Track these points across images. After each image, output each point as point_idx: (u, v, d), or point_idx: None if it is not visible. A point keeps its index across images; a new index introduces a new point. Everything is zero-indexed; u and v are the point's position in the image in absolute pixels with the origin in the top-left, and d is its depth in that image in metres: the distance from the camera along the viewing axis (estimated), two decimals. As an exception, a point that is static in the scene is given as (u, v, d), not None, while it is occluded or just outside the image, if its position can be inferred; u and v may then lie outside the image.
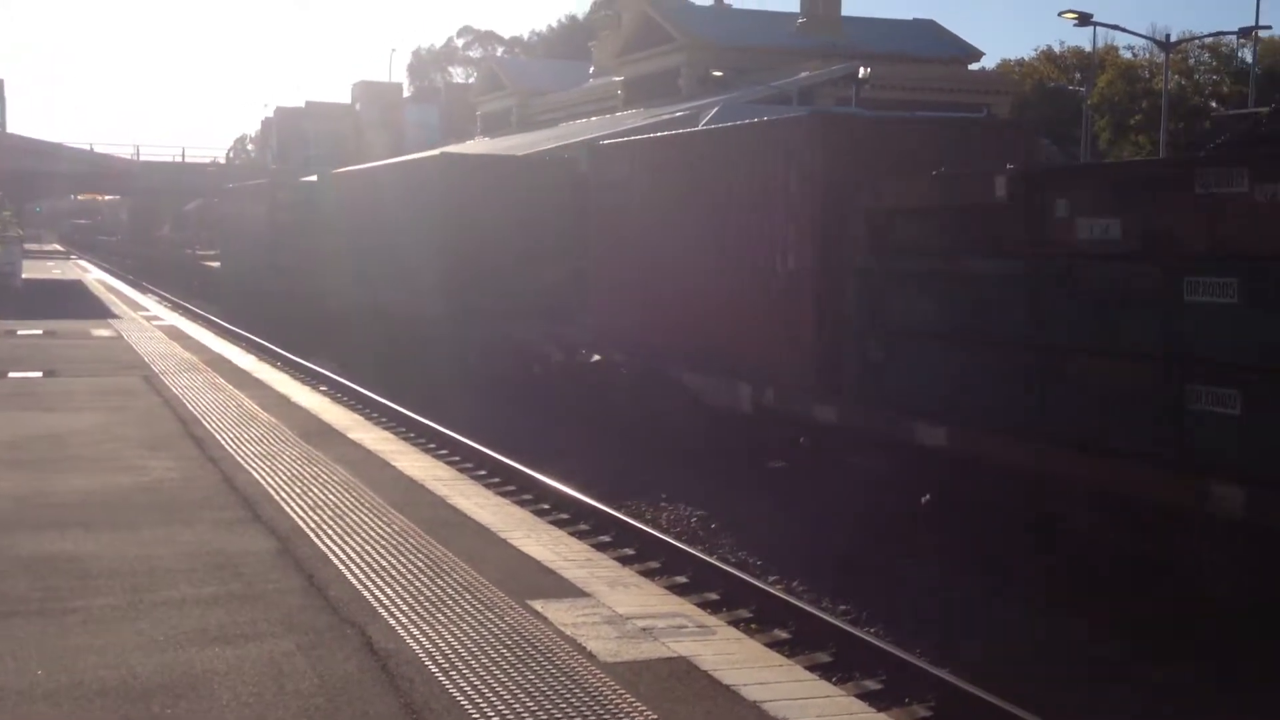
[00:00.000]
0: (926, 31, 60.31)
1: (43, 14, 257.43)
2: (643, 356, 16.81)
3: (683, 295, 16.01)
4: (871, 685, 8.24)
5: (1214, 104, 66.13)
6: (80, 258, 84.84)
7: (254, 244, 39.69)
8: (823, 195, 12.97)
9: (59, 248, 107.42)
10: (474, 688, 5.88)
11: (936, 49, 58.54)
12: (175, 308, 40.44)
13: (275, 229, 36.49)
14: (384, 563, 8.09)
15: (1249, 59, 58.49)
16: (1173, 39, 52.78)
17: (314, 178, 41.37)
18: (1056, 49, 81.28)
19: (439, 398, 20.25)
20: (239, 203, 44.22)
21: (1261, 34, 45.41)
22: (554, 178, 23.77)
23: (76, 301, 36.95)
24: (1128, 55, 74.61)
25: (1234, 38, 55.58)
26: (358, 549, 8.41)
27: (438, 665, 6.17)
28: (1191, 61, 66.84)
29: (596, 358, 18.10)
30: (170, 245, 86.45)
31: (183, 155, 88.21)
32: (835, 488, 12.63)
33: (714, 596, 10.21)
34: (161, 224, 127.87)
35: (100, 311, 32.35)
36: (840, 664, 8.68)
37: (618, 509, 13.01)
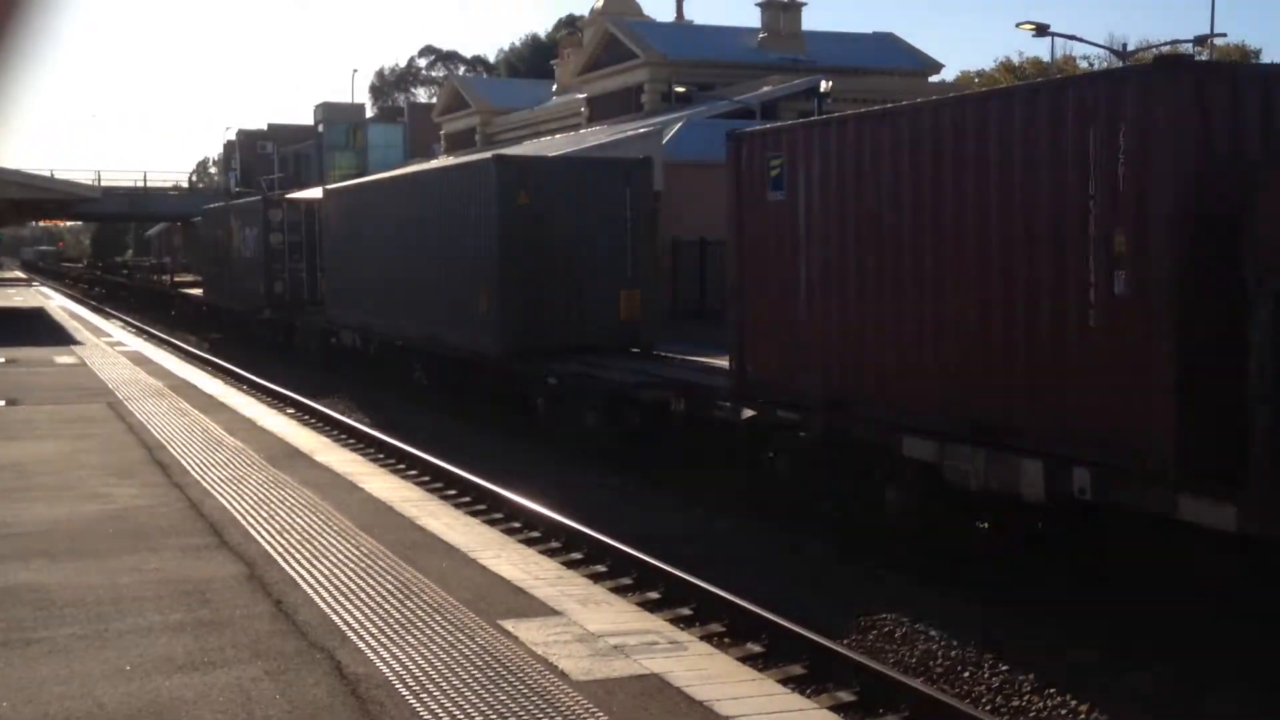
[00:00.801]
0: (887, 44, 60.68)
1: None
2: (832, 411, 12.55)
3: (900, 325, 11.74)
4: (845, 696, 8.25)
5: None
6: (43, 285, 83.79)
7: (244, 270, 37.09)
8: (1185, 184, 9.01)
9: (20, 275, 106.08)
10: (445, 710, 5.84)
11: (897, 61, 58.90)
12: (140, 333, 40.07)
13: (269, 254, 34.56)
14: (353, 586, 8.03)
15: (1205, 66, 59.06)
16: (1129, 48, 53.32)
17: (317, 192, 38.99)
18: (1015, 60, 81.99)
19: (508, 464, 16.53)
20: (223, 224, 41.12)
21: (1217, 41, 45.92)
22: (616, 181, 20.35)
23: (39, 329, 36.63)
24: (1085, 65, 75.37)
25: (1190, 45, 56.13)
26: (326, 572, 8.35)
27: (408, 688, 6.13)
28: (1149, 70, 67.46)
29: (749, 413, 14.02)
30: (141, 271, 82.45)
31: (144, 180, 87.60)
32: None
33: (686, 611, 10.20)
34: (124, 249, 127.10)
35: (63, 338, 32.06)
36: (814, 676, 8.68)
37: (588, 525, 12.97)
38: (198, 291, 48.69)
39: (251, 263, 36.20)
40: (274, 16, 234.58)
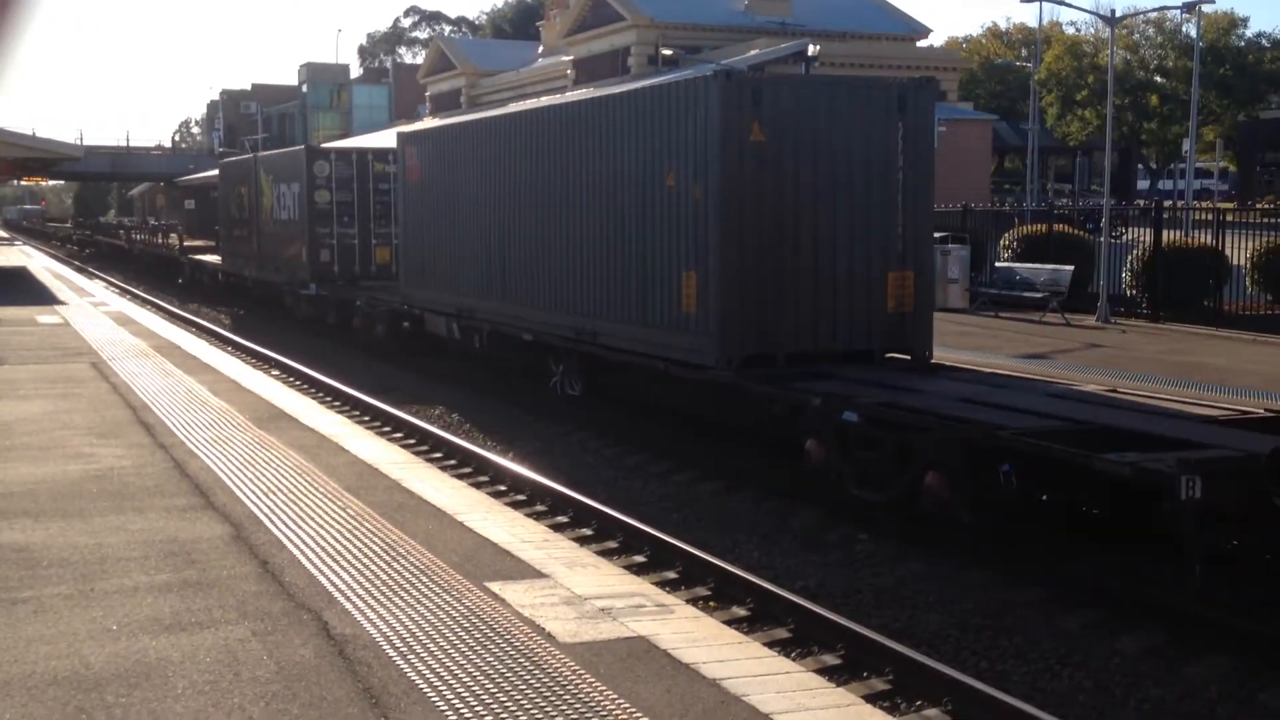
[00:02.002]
0: (875, 9, 60.43)
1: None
2: None
3: None
4: (830, 660, 8.28)
5: (1158, 78, 66.77)
6: (27, 244, 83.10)
7: (279, 235, 31.14)
8: None
9: (2, 234, 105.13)
10: (432, 670, 5.84)
11: (885, 26, 58.71)
12: (123, 293, 39.79)
13: (313, 216, 28.37)
14: (339, 547, 8.02)
15: (1193, 33, 59.05)
16: (1117, 14, 53.24)
17: (375, 139, 34.38)
18: (1003, 26, 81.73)
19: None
20: (247, 179, 34.50)
21: (1204, 8, 45.87)
22: (885, 113, 14.37)
23: (22, 288, 36.41)
24: (1073, 31, 75.21)
25: (1178, 12, 56.06)
26: (312, 534, 8.34)
27: (395, 649, 6.13)
28: (1136, 36, 67.38)
29: None
30: (143, 232, 68.13)
31: (127, 140, 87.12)
32: None
33: (673, 575, 10.22)
34: (107, 209, 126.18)
35: (46, 298, 31.88)
36: (799, 639, 8.71)
37: (572, 488, 12.98)
38: (212, 259, 42.52)
39: (289, 226, 30.08)
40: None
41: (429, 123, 30.58)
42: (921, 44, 61.22)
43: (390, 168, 26.94)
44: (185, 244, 49.84)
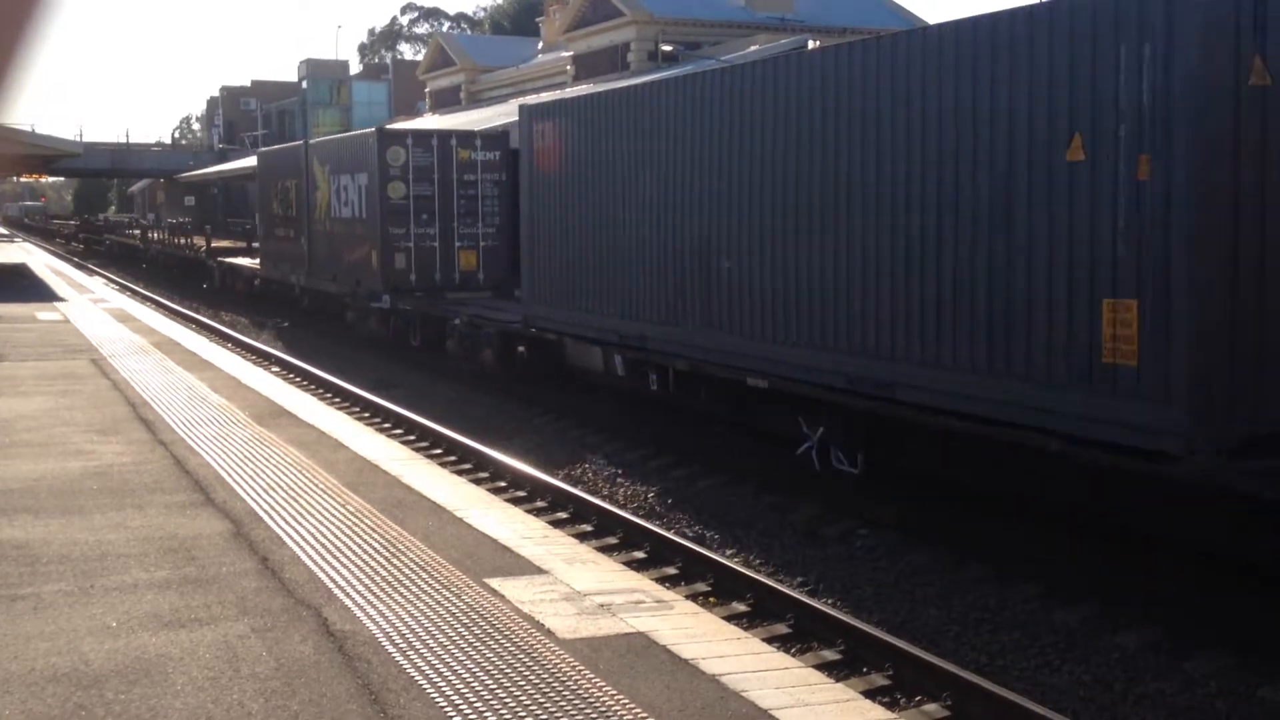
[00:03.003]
0: (875, 4, 60.38)
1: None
2: None
3: None
4: (830, 655, 8.29)
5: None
6: (28, 242, 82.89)
7: (338, 236, 26.34)
8: None
9: (2, 231, 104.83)
10: (432, 667, 5.85)
11: (885, 20, 58.62)
12: (123, 289, 39.75)
13: (386, 213, 23.53)
14: (339, 544, 8.03)
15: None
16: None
17: (460, 119, 29.84)
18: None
19: None
20: (295, 170, 29.76)
21: None
22: None
23: (21, 285, 36.42)
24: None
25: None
26: (312, 530, 8.35)
27: (395, 645, 6.14)
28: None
29: None
30: (160, 230, 59.95)
31: (127, 136, 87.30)
32: None
33: (672, 571, 10.23)
34: (107, 206, 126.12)
35: (46, 294, 31.88)
36: (799, 635, 8.72)
37: (571, 484, 12.98)
38: (245, 262, 37.87)
39: (353, 226, 25.40)
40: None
41: (575, 91, 25.20)
42: (921, 39, 61.17)
43: (477, 155, 23.86)
44: (213, 245, 44.20)
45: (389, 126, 27.60)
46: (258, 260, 36.02)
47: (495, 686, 5.62)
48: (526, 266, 18.59)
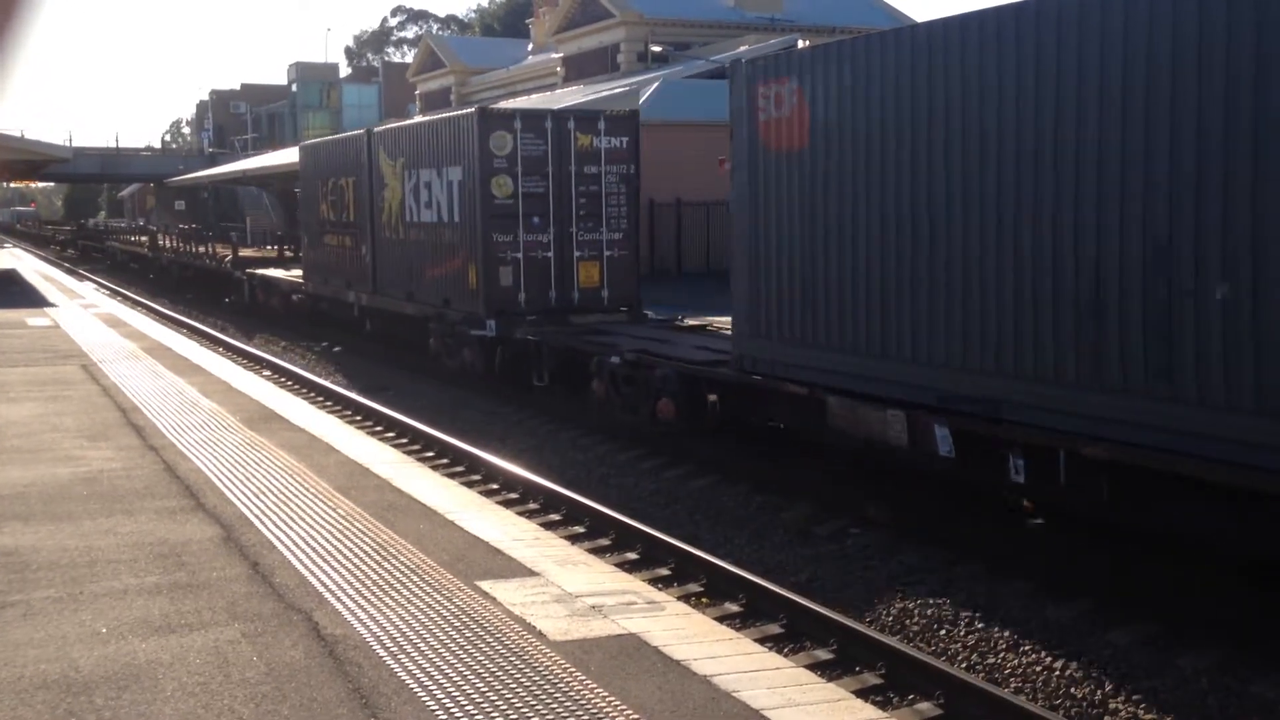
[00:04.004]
0: (864, 3, 60.46)
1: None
2: None
3: None
4: (822, 655, 8.29)
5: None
6: (18, 247, 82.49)
7: (415, 244, 21.81)
8: None
9: None
10: (423, 670, 5.83)
11: (874, 20, 58.67)
12: (113, 294, 39.59)
13: (488, 216, 18.99)
14: (330, 548, 8.01)
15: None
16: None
17: (564, 97, 25.22)
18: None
19: None
20: (354, 165, 24.72)
21: None
22: None
23: (12, 291, 36.32)
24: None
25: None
26: (303, 534, 8.33)
27: (386, 649, 6.12)
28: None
29: None
30: (173, 237, 51.62)
31: (116, 141, 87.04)
32: None
33: (664, 571, 10.22)
34: (97, 210, 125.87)
35: (36, 300, 31.81)
36: (791, 634, 8.72)
37: (563, 485, 12.97)
38: (280, 274, 32.68)
39: (440, 233, 20.66)
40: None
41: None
42: (911, 38, 61.27)
43: (600, 140, 19.35)
44: (237, 254, 38.28)
45: (493, 106, 22.29)
46: (294, 272, 31.35)
47: (487, 689, 5.61)
48: (744, 285, 13.10)
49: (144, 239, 58.41)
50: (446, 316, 20.53)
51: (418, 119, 23.79)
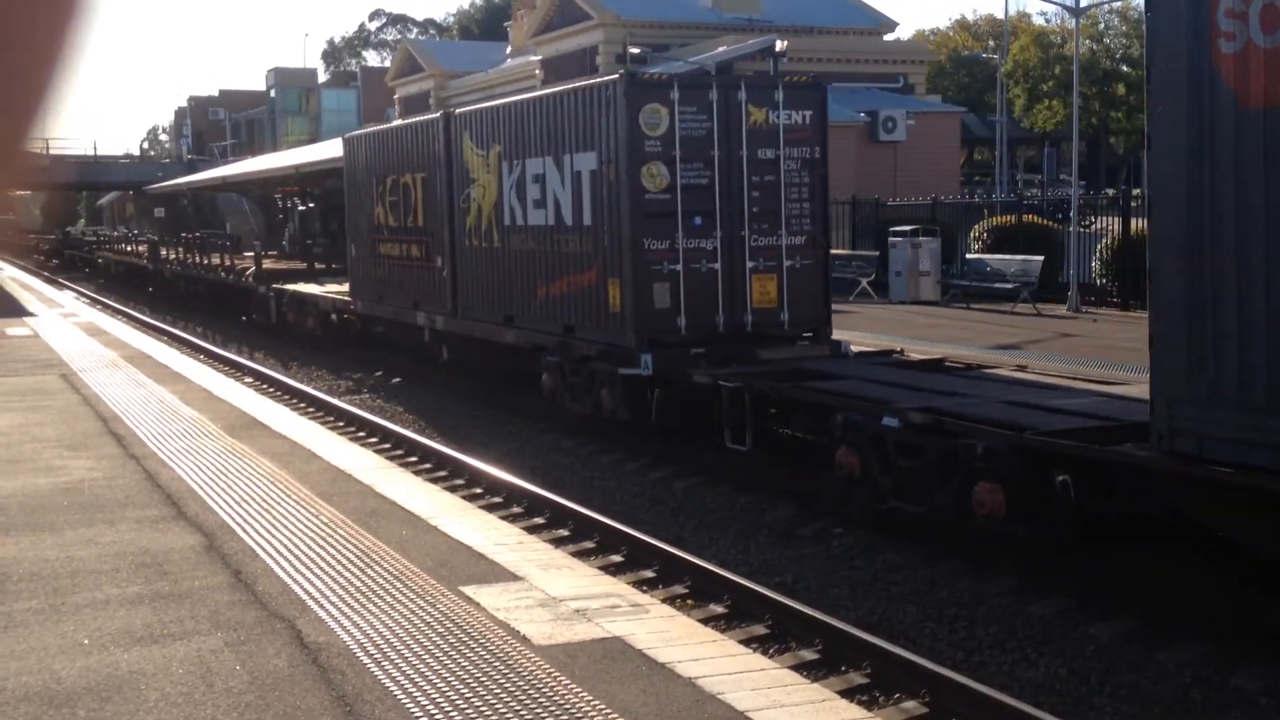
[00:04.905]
0: (841, 3, 60.56)
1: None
2: None
3: None
4: (807, 655, 8.29)
5: (1124, 67, 67.23)
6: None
7: (516, 257, 17.46)
8: None
9: None
10: (407, 677, 5.82)
11: (852, 20, 58.83)
12: (91, 302, 39.35)
13: (640, 214, 14.69)
14: (313, 555, 7.99)
15: (1158, 22, 59.34)
16: (1082, 4, 53.51)
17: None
18: (970, 18, 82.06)
19: None
20: (426, 158, 20.18)
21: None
22: None
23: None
24: (1040, 21, 75.59)
25: (1141, 1, 56.40)
26: (285, 542, 8.31)
27: (370, 656, 6.11)
28: (1101, 26, 67.77)
29: None
30: (181, 248, 44.86)
31: (94, 148, 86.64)
32: None
33: (649, 574, 10.22)
34: (76, 219, 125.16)
35: (15, 310, 31.65)
36: (776, 635, 8.72)
37: (547, 489, 12.96)
38: (315, 290, 28.09)
39: (562, 239, 16.25)
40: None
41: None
42: (889, 38, 61.38)
43: (778, 116, 15.03)
44: (258, 268, 33.09)
45: (642, 70, 17.10)
46: (329, 288, 27.53)
47: (471, 695, 5.60)
48: (1178, 316, 8.34)
49: (141, 249, 53.01)
50: (571, 348, 15.94)
51: (518, 96, 18.19)
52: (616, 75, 15.13)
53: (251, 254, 35.76)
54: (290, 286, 29.57)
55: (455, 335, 19.88)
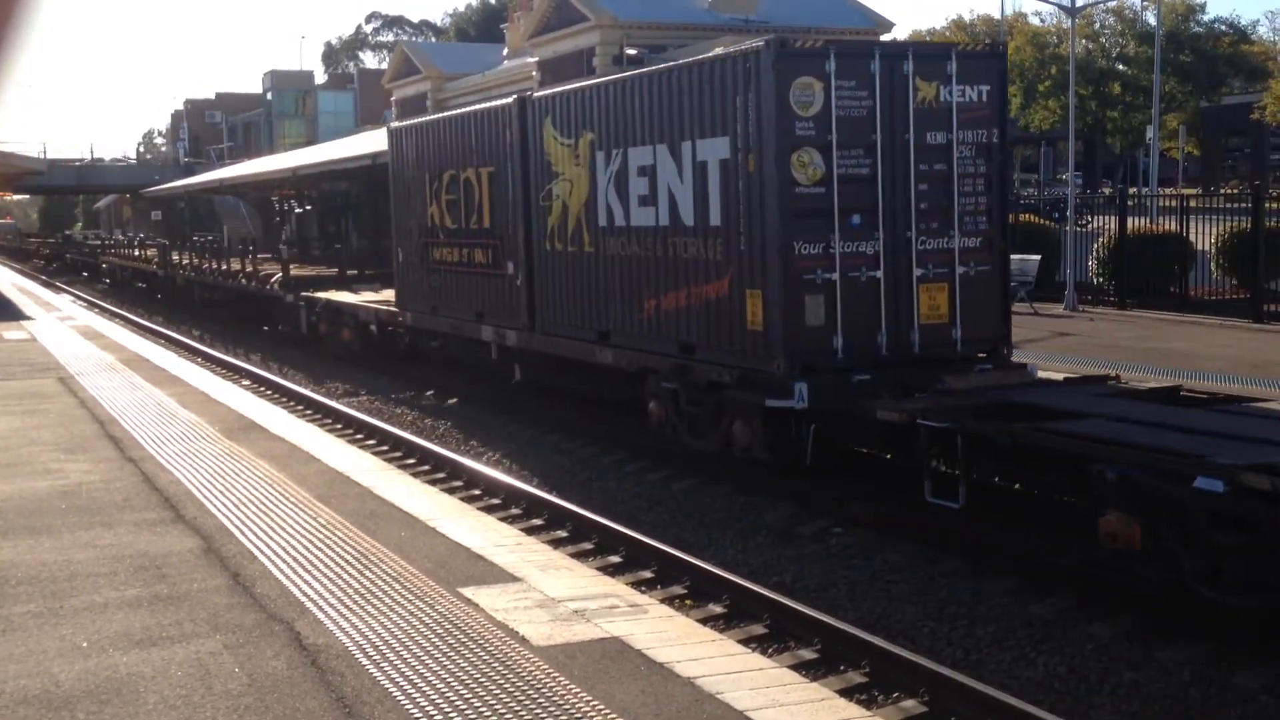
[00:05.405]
0: (838, 3, 60.64)
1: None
2: None
3: None
4: (806, 655, 8.29)
5: (1120, 66, 67.32)
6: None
7: (613, 262, 14.94)
8: None
9: None
10: (406, 678, 5.82)
11: (849, 20, 58.93)
12: (89, 306, 39.26)
13: (789, 212, 12.22)
14: (311, 557, 7.98)
15: (1152, 21, 59.43)
16: (1078, 4, 53.56)
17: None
18: (966, 18, 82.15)
19: None
20: (488, 152, 17.96)
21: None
22: None
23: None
24: (1036, 21, 75.65)
25: (1137, 1, 56.48)
26: (284, 544, 8.30)
27: (369, 658, 6.10)
28: (1097, 25, 67.83)
29: None
30: (194, 254, 42.16)
31: (91, 152, 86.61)
32: None
33: (648, 575, 10.22)
34: (73, 222, 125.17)
35: (12, 313, 31.63)
36: (775, 635, 8.72)
37: (545, 490, 12.95)
38: (350, 299, 25.58)
39: (677, 242, 13.85)
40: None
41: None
42: (885, 38, 61.47)
43: (950, 93, 12.71)
44: (287, 273, 30.06)
45: (788, 37, 13.11)
46: (366, 296, 25.37)
47: (470, 696, 5.60)
48: None
49: (150, 252, 50.19)
50: (692, 372, 13.44)
51: (617, 75, 16.17)
52: (760, 43, 12.47)
53: (276, 259, 33.62)
54: (323, 295, 26.97)
55: (532, 353, 17.42)
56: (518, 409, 17.86)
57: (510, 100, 17.57)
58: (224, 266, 36.09)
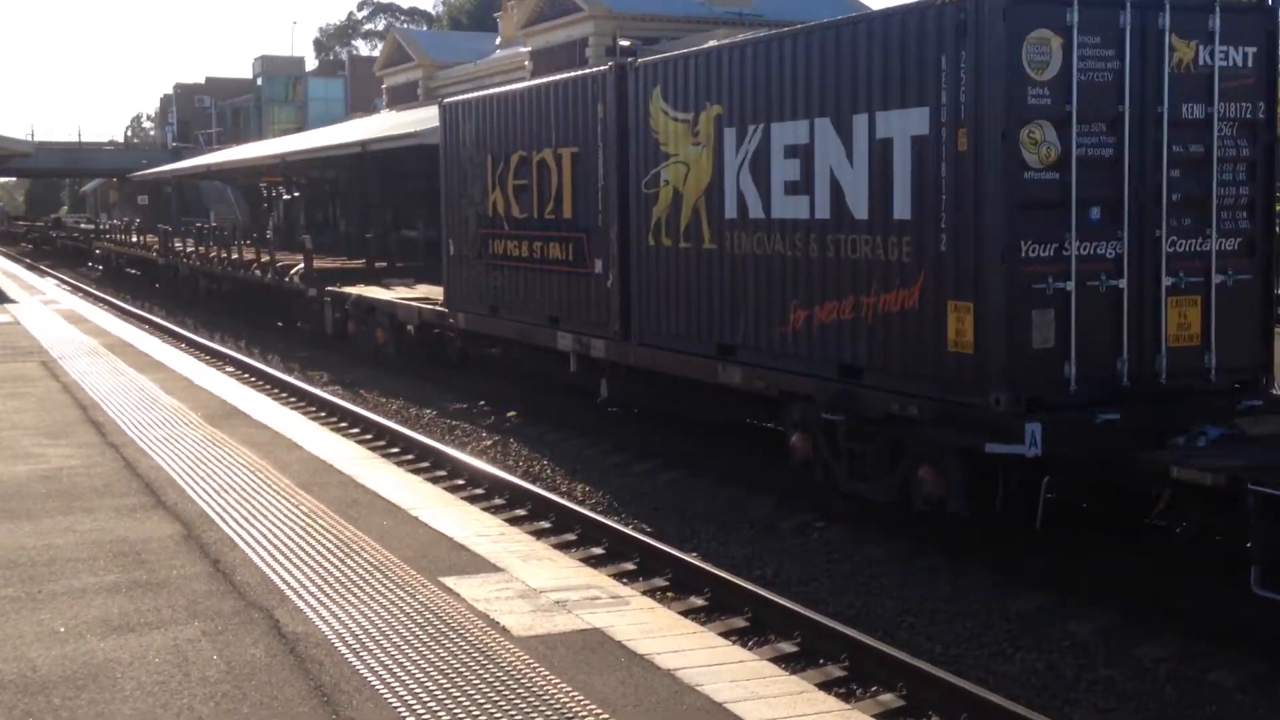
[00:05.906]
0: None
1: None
2: None
3: None
4: (786, 648, 8.31)
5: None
6: None
7: (755, 265, 12.14)
8: None
9: None
10: (385, 667, 5.82)
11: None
12: (75, 290, 39.11)
13: (1018, 204, 9.53)
14: (292, 545, 7.97)
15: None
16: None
17: None
18: None
19: None
20: (569, 132, 15.48)
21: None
22: None
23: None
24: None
25: None
26: (265, 532, 8.28)
27: (348, 646, 6.10)
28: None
29: None
30: (205, 241, 37.69)
31: (79, 135, 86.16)
32: None
33: (630, 566, 10.22)
34: (59, 206, 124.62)
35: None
36: (756, 628, 8.73)
37: (529, 481, 12.95)
38: (386, 296, 23.05)
39: (839, 241, 11.19)
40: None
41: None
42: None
43: (1211, 55, 10.21)
44: (316, 267, 27.27)
45: None
46: (400, 293, 23.20)
47: (449, 685, 5.60)
48: None
49: (150, 239, 46.60)
50: (861, 401, 10.96)
51: (760, 33, 13.62)
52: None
53: (298, 250, 29.97)
54: (352, 290, 24.25)
55: (626, 367, 14.79)
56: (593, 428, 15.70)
57: (604, 68, 15.04)
58: (235, 256, 32.92)
